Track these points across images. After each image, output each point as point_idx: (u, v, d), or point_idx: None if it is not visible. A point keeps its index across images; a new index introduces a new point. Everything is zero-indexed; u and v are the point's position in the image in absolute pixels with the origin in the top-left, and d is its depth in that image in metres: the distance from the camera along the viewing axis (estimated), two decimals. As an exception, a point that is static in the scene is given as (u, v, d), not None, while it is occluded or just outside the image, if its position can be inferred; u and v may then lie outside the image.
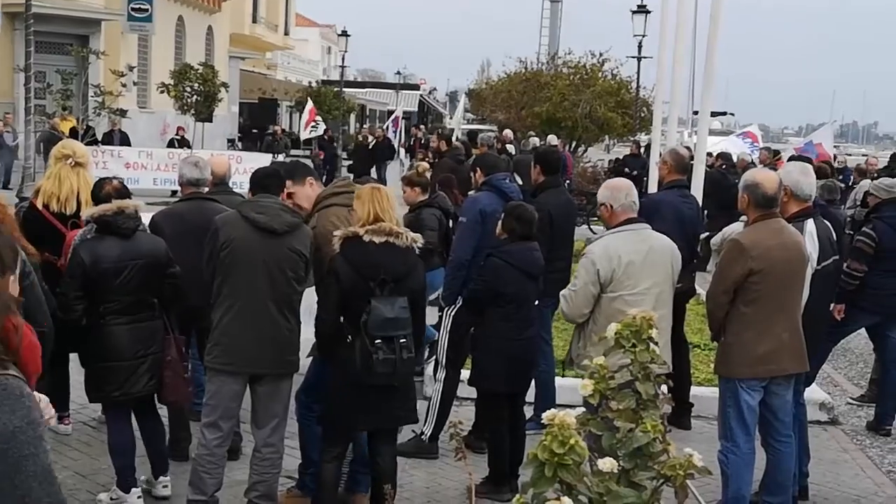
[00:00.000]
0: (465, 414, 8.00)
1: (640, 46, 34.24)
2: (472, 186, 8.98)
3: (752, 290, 6.15)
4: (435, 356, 8.19)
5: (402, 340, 5.61)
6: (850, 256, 9.11)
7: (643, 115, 31.86)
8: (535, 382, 7.82)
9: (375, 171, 30.00)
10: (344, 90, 51.40)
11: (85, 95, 28.42)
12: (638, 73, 34.04)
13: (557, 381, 8.23)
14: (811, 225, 6.73)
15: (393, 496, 3.85)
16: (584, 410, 3.46)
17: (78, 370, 6.76)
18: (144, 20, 35.24)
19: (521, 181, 11.22)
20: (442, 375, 7.71)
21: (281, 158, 28.14)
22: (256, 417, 6.16)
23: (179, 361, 6.56)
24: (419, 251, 5.93)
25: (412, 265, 5.83)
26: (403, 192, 9.95)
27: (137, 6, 34.89)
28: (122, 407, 6.44)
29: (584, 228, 19.63)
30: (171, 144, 29.23)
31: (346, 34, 50.63)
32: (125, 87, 28.17)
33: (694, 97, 37.03)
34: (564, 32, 51.45)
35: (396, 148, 32.92)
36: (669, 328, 6.55)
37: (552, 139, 25.31)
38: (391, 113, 43.52)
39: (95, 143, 25.44)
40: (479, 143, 17.98)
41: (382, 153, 31.49)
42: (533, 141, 24.65)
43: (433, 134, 28.15)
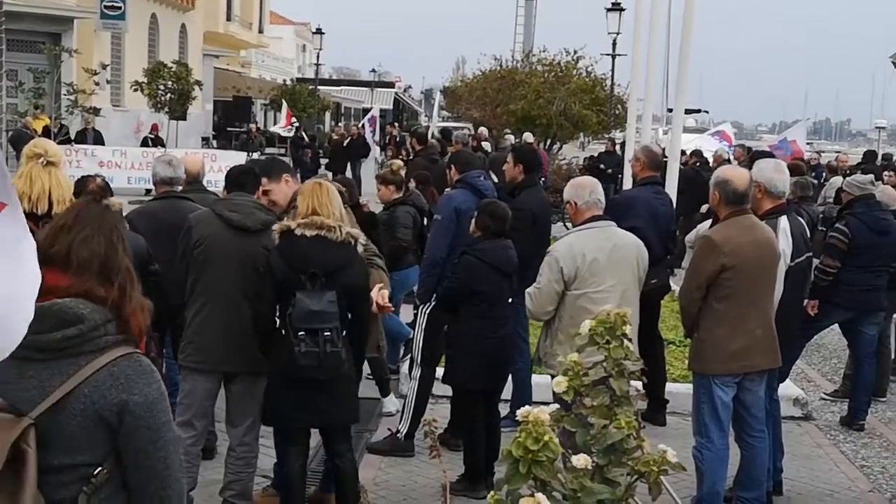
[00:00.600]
0: (440, 412, 8.00)
1: (614, 44, 34.30)
2: (447, 184, 8.98)
3: (724, 286, 6.18)
4: (410, 354, 8.19)
5: (326, 334, 5.47)
6: (823, 252, 9.16)
7: (618, 112, 31.93)
8: (512, 380, 7.83)
9: (351, 169, 29.94)
10: (319, 88, 51.33)
11: (58, 94, 28.21)
12: (612, 70, 34.11)
13: (533, 378, 8.24)
14: (785, 221, 6.76)
15: (365, 493, 3.84)
16: (558, 407, 3.46)
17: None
18: (117, 18, 35.02)
19: (496, 179, 11.23)
20: (417, 373, 7.70)
21: (256, 156, 28.07)
22: (231, 416, 6.14)
23: (157, 359, 6.53)
24: (390, 249, 5.89)
25: (348, 260, 5.67)
26: (378, 190, 9.94)
27: (110, 4, 34.66)
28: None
29: (559, 226, 19.67)
30: (145, 143, 29.08)
31: (320, 32, 50.55)
32: (98, 85, 27.99)
33: (668, 94, 37.19)
34: (539, 30, 51.43)
35: (372, 146, 32.83)
36: (637, 325, 6.56)
37: (528, 137, 25.33)
38: (366, 111, 43.43)
39: (69, 141, 25.27)
40: (454, 140, 18.00)
41: (357, 151, 31.44)
42: (508, 138, 24.69)
43: (408, 132, 28.15)
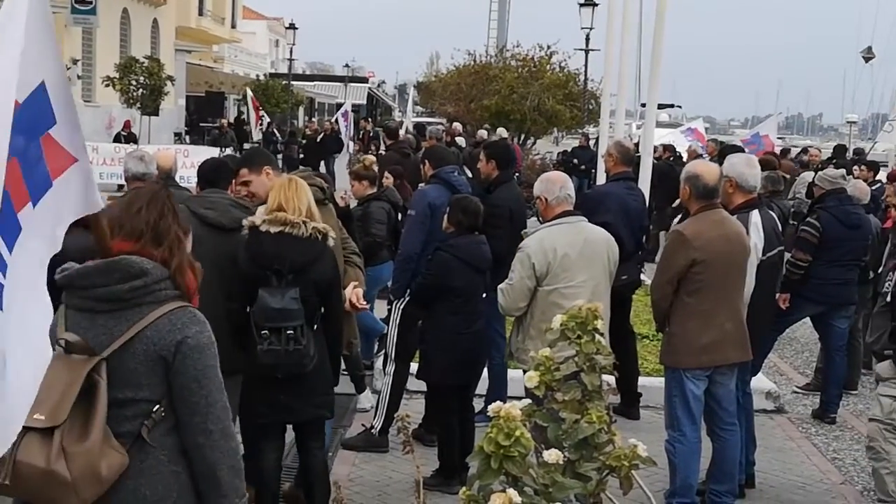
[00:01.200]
0: (415, 407, 8.01)
1: (587, 39, 34.38)
2: (420, 179, 8.98)
3: (694, 280, 6.21)
4: (384, 350, 8.19)
5: (289, 332, 5.41)
6: (794, 246, 9.22)
7: (591, 107, 32.05)
8: (488, 375, 7.84)
9: (324, 164, 29.88)
10: (292, 83, 51.18)
11: (28, 89, 27.97)
12: (585, 65, 34.23)
13: (508, 373, 8.25)
14: (756, 216, 6.80)
15: (338, 489, 3.84)
16: (530, 402, 3.47)
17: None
18: (88, 13, 34.75)
19: (470, 174, 11.24)
20: (391, 369, 7.70)
21: (229, 152, 27.96)
22: None
23: None
24: (364, 244, 5.87)
25: (316, 255, 5.62)
26: (352, 185, 9.93)
27: (81, -2, 34.44)
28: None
29: (533, 220, 19.69)
30: (117, 139, 28.92)
31: (293, 27, 50.40)
32: (69, 80, 27.79)
33: (641, 89, 37.27)
34: (513, 25, 51.51)
35: (345, 141, 32.78)
36: (608, 320, 6.59)
37: (501, 132, 25.38)
38: (339, 106, 43.37)
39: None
40: (427, 135, 17.99)
41: (331, 146, 31.40)
42: (480, 133, 24.71)
43: (382, 127, 28.14)
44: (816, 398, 9.70)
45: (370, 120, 47.93)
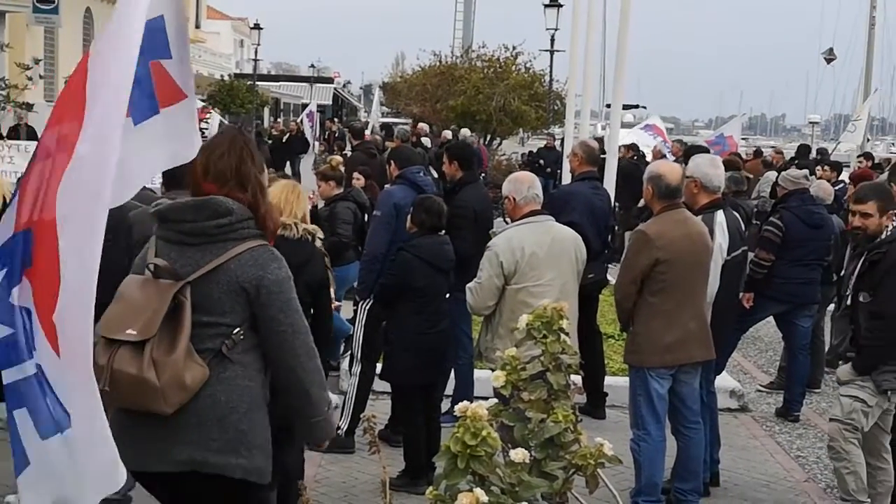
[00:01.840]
0: (381, 408, 8.00)
1: (552, 40, 34.44)
2: (387, 179, 8.98)
3: (658, 279, 6.25)
4: (350, 350, 8.17)
5: None
6: (757, 246, 9.29)
7: (556, 108, 32.13)
8: (454, 375, 7.85)
9: (290, 164, 29.80)
10: (257, 84, 50.98)
11: (-11, 89, 27.72)
12: (551, 66, 34.29)
13: (474, 373, 8.25)
14: (721, 216, 6.85)
15: (304, 490, 3.84)
16: (496, 402, 3.48)
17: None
18: (50, 12, 34.39)
19: (437, 174, 11.25)
20: (357, 369, 7.69)
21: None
22: None
23: None
24: (330, 245, 5.86)
25: (307, 256, 5.66)
26: (318, 186, 9.91)
27: (43, -3, 34.11)
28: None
29: (498, 221, 19.71)
30: (80, 139, 28.64)
31: (258, 27, 50.20)
32: (31, 80, 27.52)
33: (606, 90, 37.36)
34: (478, 26, 51.53)
35: (311, 142, 32.67)
36: (576, 319, 6.61)
37: (465, 132, 25.41)
38: (305, 106, 43.22)
39: (0, 137, 24.85)
40: (394, 136, 18.00)
41: (296, 147, 31.31)
42: (446, 134, 24.74)
43: (347, 128, 28.08)
44: (780, 397, 9.77)
45: (336, 120, 47.84)
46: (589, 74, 14.83)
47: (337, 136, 34.46)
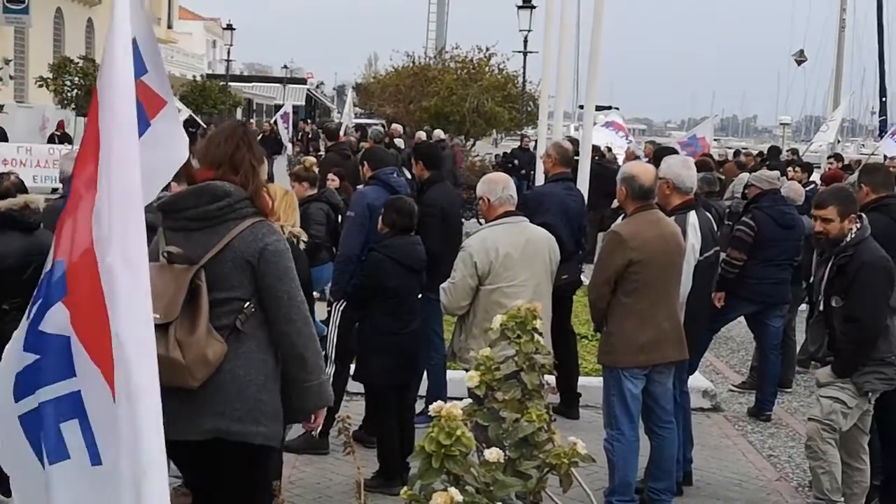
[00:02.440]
0: (355, 409, 7.99)
1: (525, 41, 34.53)
2: (360, 180, 8.98)
3: (631, 280, 6.27)
4: (324, 351, 8.15)
5: None
6: (729, 245, 9.33)
7: (530, 109, 32.17)
8: (427, 375, 7.85)
9: (263, 165, 29.66)
10: (230, 84, 50.82)
11: (-41, 90, 27.53)
12: (524, 67, 34.37)
13: (448, 373, 8.26)
14: (694, 217, 6.88)
15: (279, 490, 3.86)
16: (471, 402, 3.49)
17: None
18: (20, 12, 34.15)
19: (410, 175, 11.25)
20: (331, 370, 7.67)
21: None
22: None
23: None
24: (305, 245, 5.87)
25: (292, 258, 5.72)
26: (292, 187, 9.89)
27: (13, -3, 33.86)
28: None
29: (472, 222, 19.73)
30: (51, 140, 28.52)
31: (231, 28, 50.11)
32: (1, 80, 27.36)
33: (579, 91, 37.48)
34: (451, 27, 51.59)
35: (285, 143, 32.59)
36: (549, 319, 6.64)
37: (438, 133, 25.40)
38: (278, 107, 43.11)
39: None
40: (368, 137, 17.98)
41: (270, 148, 31.21)
42: (419, 135, 24.72)
43: (320, 128, 28.04)
44: (752, 396, 9.83)
45: (309, 121, 47.72)
46: (562, 76, 14.89)
47: (311, 136, 34.40)
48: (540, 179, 14.11)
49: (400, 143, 23.00)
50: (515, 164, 24.69)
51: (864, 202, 7.77)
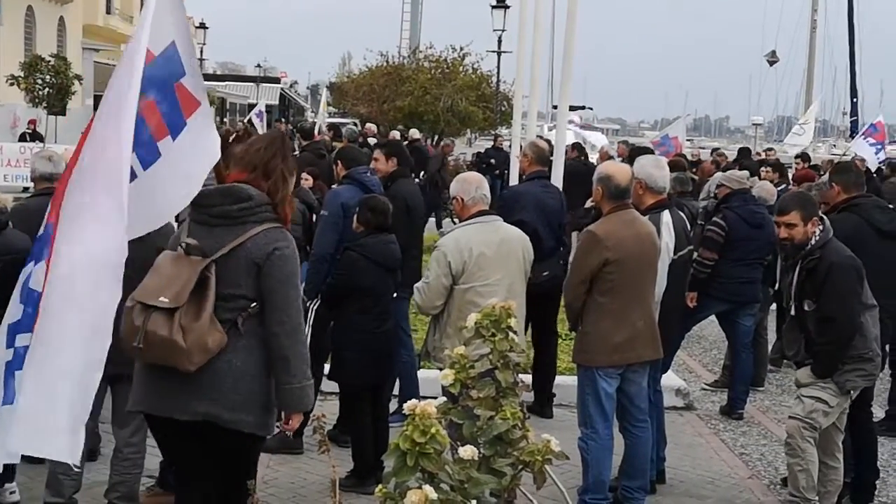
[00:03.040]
0: (329, 408, 7.98)
1: (499, 41, 34.52)
2: (334, 180, 8.97)
3: (607, 279, 6.29)
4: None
5: None
6: (701, 245, 9.37)
7: (504, 108, 32.20)
8: (398, 374, 7.85)
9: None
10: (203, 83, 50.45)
11: (-71, 88, 27.29)
12: (498, 67, 34.38)
13: (421, 373, 8.26)
14: (667, 216, 6.92)
15: (254, 490, 3.85)
16: (445, 400, 3.50)
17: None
18: (-8, 10, 33.95)
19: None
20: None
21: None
22: (118, 417, 6.02)
23: None
24: None
25: None
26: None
27: (-17, -4, 33.62)
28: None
29: (447, 221, 19.73)
30: (22, 138, 28.32)
31: (204, 26, 49.84)
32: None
33: (553, 91, 37.51)
34: (425, 26, 51.65)
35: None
36: (523, 318, 6.65)
37: (414, 133, 25.40)
38: (252, 106, 42.98)
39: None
40: (342, 136, 17.95)
41: (244, 147, 31.09)
42: (394, 134, 24.71)
43: (296, 128, 27.94)
44: (724, 395, 9.88)
45: (283, 120, 47.57)
46: (536, 76, 14.85)
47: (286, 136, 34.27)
48: (514, 178, 14.14)
49: (373, 142, 22.99)
50: (492, 162, 24.68)
51: (835, 201, 7.84)
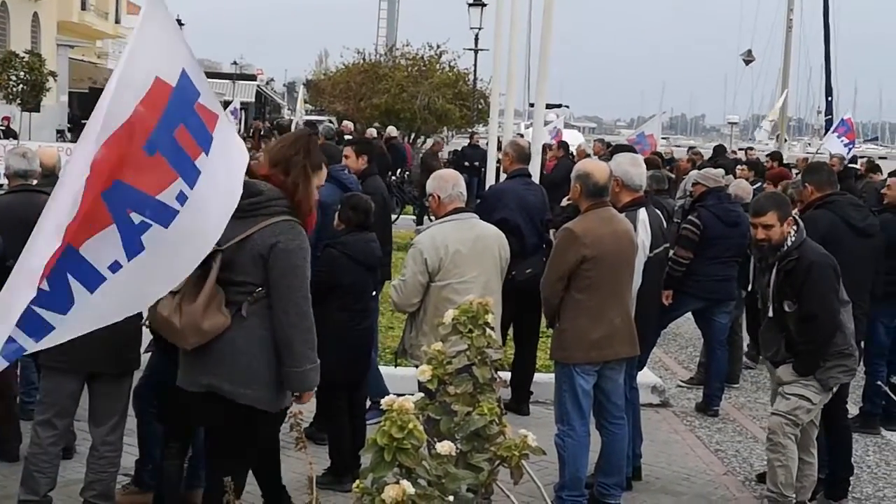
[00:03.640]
0: (307, 407, 7.95)
1: (476, 39, 34.53)
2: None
3: (584, 276, 6.31)
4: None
5: None
6: (676, 244, 9.41)
7: (480, 106, 32.25)
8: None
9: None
10: (179, 80, 50.19)
11: None
12: (475, 65, 34.41)
13: (397, 370, 8.24)
14: (644, 214, 6.95)
15: (230, 487, 3.84)
16: (422, 395, 3.51)
17: None
18: (-35, 6, 33.67)
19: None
20: (282, 367, 7.64)
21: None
22: (95, 416, 6.00)
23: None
24: None
25: None
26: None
27: (-43, -9, 33.35)
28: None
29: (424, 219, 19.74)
30: (-5, 134, 28.10)
31: (180, 23, 49.57)
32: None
33: (530, 89, 37.58)
34: (402, 24, 51.65)
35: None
36: (499, 315, 6.66)
37: (391, 131, 25.39)
38: (227, 104, 42.79)
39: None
40: (319, 133, 17.92)
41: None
42: (370, 132, 24.70)
43: (273, 125, 27.90)
44: (700, 392, 9.94)
45: (261, 119, 47.44)
46: (512, 74, 14.86)
47: (262, 133, 34.21)
48: (490, 176, 14.17)
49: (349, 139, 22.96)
50: (476, 165, 24.56)
51: (809, 200, 7.89)
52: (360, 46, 37.08)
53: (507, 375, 8.11)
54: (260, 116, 51.86)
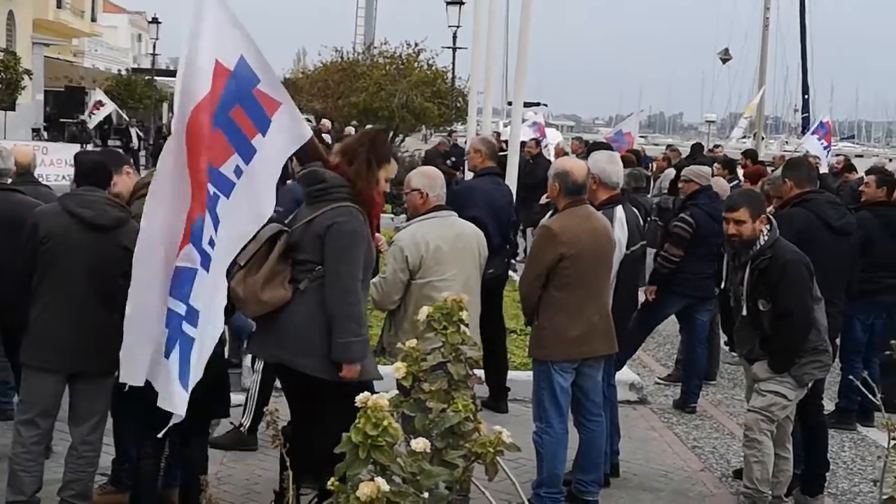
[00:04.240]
0: (284, 405, 7.92)
1: (454, 37, 34.51)
2: (289, 175, 8.92)
3: (563, 274, 6.31)
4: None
5: None
6: (668, 241, 9.35)
7: (459, 105, 32.25)
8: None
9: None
10: (156, 79, 50.18)
11: None
12: (453, 63, 34.38)
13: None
14: (620, 211, 6.95)
15: (206, 487, 3.83)
16: (397, 393, 3.50)
17: None
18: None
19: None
20: (260, 366, 7.61)
21: (90, 148, 27.25)
22: (75, 415, 5.96)
23: None
24: None
25: None
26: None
27: (-68, -11, 33.13)
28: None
29: (402, 217, 19.69)
30: (-29, 134, 27.92)
31: (156, 21, 49.45)
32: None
33: (508, 87, 37.60)
34: (380, 22, 51.42)
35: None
36: (478, 313, 6.66)
37: (349, 131, 25.37)
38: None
39: None
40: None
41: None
42: (348, 130, 24.68)
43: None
44: (677, 389, 9.95)
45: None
46: (491, 72, 14.91)
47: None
48: (467, 175, 14.16)
49: (328, 138, 22.93)
50: (461, 169, 24.39)
51: (788, 196, 7.90)
52: (337, 45, 37.03)
53: (482, 374, 8.10)
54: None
